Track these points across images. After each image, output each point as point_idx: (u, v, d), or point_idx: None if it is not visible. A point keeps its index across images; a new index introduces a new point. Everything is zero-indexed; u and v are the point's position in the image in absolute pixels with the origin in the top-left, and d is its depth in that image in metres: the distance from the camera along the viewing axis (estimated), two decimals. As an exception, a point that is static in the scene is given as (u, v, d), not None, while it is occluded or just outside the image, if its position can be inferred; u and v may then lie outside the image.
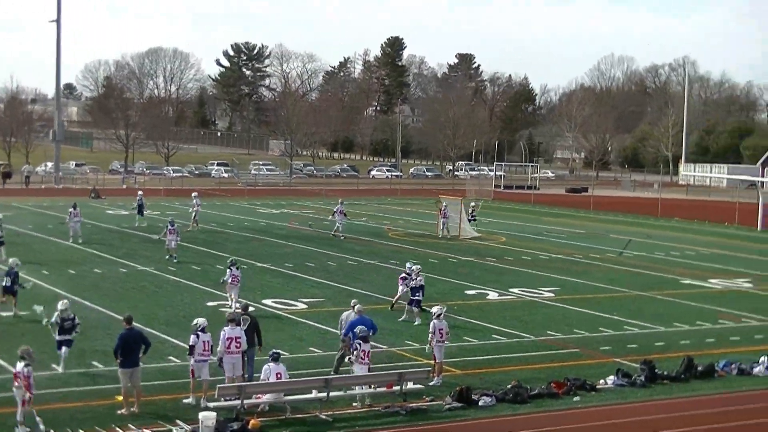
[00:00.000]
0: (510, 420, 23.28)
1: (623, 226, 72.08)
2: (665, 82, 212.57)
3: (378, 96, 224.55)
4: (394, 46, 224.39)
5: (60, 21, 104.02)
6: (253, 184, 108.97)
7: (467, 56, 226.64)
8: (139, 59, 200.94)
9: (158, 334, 29.86)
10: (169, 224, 48.66)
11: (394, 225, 67.54)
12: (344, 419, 22.89)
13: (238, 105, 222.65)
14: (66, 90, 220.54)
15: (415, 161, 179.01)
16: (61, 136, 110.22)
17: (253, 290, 39.47)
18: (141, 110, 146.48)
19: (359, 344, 24.59)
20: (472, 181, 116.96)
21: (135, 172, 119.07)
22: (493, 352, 30.06)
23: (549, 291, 41.56)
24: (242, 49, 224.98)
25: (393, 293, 39.18)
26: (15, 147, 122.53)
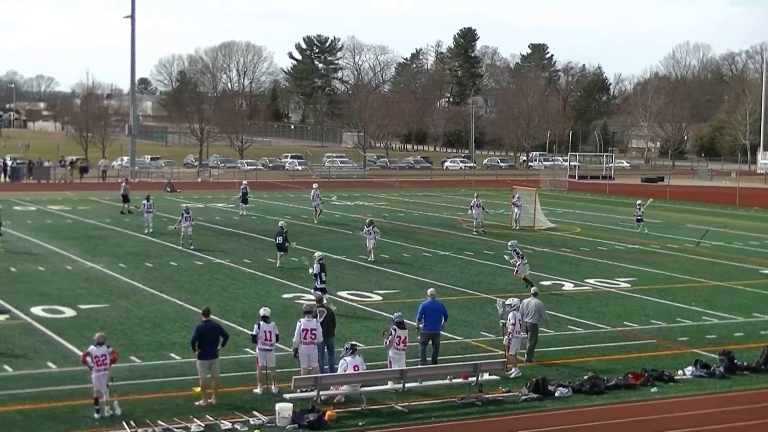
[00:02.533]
0: (586, 411, 23.15)
1: (700, 216, 71.23)
2: (742, 69, 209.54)
3: (451, 87, 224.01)
4: (467, 37, 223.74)
5: (134, 17, 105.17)
6: (327, 177, 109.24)
7: (540, 46, 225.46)
8: (213, 53, 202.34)
9: (234, 326, 30.08)
10: (184, 212, 49.98)
11: (468, 216, 67.27)
12: (420, 410, 22.90)
13: (310, 98, 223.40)
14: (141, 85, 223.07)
15: (488, 152, 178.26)
16: (137, 131, 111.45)
17: (329, 282, 39.55)
18: (215, 104, 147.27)
19: (395, 329, 24.50)
20: (546, 172, 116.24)
21: (209, 166, 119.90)
22: (568, 343, 29.89)
23: (625, 281, 41.23)
24: (315, 41, 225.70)
25: (467, 284, 39.25)
26: (92, 142, 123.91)
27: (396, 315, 25.05)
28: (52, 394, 23.51)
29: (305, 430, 21.31)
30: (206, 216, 63.43)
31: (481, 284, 39.78)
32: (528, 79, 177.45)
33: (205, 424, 21.42)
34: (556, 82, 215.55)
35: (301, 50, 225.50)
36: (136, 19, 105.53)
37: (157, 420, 21.54)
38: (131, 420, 21.47)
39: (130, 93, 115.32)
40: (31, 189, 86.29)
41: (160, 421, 21.46)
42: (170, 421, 21.53)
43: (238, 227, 58.27)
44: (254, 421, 21.70)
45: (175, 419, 21.64)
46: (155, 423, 21.35)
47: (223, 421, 21.60)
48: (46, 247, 48.59)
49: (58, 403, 22.81)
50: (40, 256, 45.47)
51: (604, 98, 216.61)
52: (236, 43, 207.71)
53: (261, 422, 21.62)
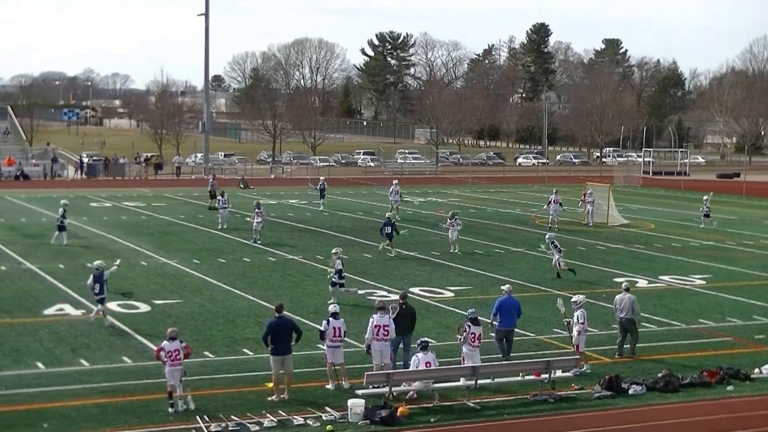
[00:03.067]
0: (660, 409, 22.94)
1: (777, 212, 70.23)
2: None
3: (523, 83, 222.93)
4: (540, 33, 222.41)
5: (208, 14, 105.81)
6: (399, 173, 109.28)
7: (614, 41, 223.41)
8: (286, 50, 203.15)
9: (306, 322, 30.19)
10: (255, 207, 50.85)
11: (540, 212, 66.92)
12: (492, 407, 22.84)
13: (383, 94, 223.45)
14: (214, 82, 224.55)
15: (561, 148, 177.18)
16: (210, 128, 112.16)
17: (401, 279, 39.66)
18: (287, 101, 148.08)
19: (469, 326, 24.43)
20: (620, 168, 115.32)
21: (282, 162, 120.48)
22: (642, 340, 29.55)
23: (700, 278, 40.78)
24: (387, 38, 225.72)
25: (540, 281, 39.10)
26: (166, 139, 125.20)
27: (470, 311, 25.00)
28: (128, 388, 23.79)
29: (377, 425, 21.35)
30: (279, 212, 63.76)
31: (554, 281, 39.54)
32: (601, 74, 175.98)
33: (277, 419, 21.54)
34: (630, 78, 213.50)
35: (373, 47, 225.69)
36: (209, 17, 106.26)
37: (230, 415, 21.70)
38: (205, 415, 21.65)
39: (204, 90, 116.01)
40: (107, 186, 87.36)
41: (233, 416, 21.62)
42: (243, 416, 21.68)
43: (311, 223, 58.49)
44: (326, 416, 21.78)
45: (248, 414, 21.79)
46: (228, 418, 21.51)
47: (295, 416, 21.71)
48: (121, 243, 49.16)
49: (133, 397, 23.08)
50: (116, 251, 45.98)
51: (679, 93, 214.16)
52: (309, 40, 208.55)
53: (333, 418, 21.68)
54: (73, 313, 32.35)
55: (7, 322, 30.79)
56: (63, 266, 41.41)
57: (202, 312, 32.71)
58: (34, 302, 33.99)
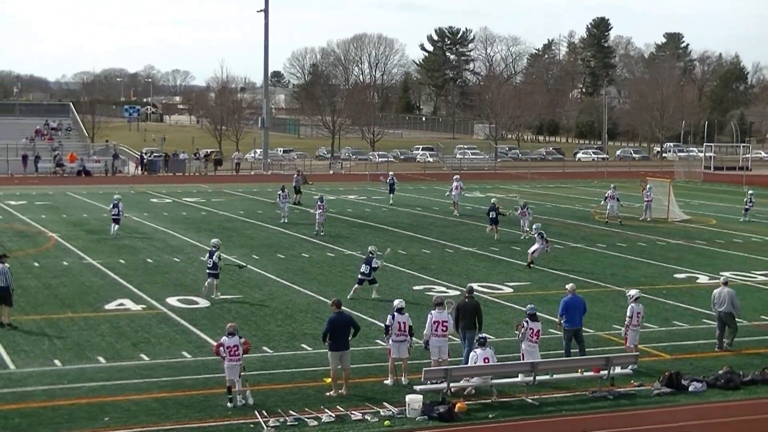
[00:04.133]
0: (722, 407, 22.74)
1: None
2: None
3: (583, 78, 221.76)
4: (600, 27, 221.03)
5: (267, 11, 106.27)
6: (458, 168, 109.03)
7: (675, 35, 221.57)
8: (345, 46, 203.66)
9: (365, 318, 30.27)
10: (318, 200, 51.96)
11: (600, 208, 66.52)
12: (550, 403, 22.77)
13: (442, 89, 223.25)
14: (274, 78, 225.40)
15: (621, 143, 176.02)
16: (269, 124, 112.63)
17: (460, 274, 39.61)
18: (346, 96, 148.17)
19: (527, 322, 24.35)
20: (681, 163, 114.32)
21: (341, 158, 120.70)
22: (703, 336, 29.35)
23: (762, 274, 40.33)
24: (446, 33, 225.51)
25: (599, 277, 38.90)
26: (225, 135, 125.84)
27: (529, 307, 24.93)
28: (187, 383, 23.97)
29: (435, 421, 21.35)
30: (338, 208, 63.88)
31: (614, 276, 39.35)
32: (662, 68, 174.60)
33: (335, 414, 21.60)
34: (692, 72, 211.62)
35: (432, 42, 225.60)
36: (269, 13, 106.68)
37: (288, 410, 21.79)
38: (263, 410, 21.76)
39: (264, 86, 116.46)
40: (167, 181, 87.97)
41: (292, 411, 21.71)
42: (301, 411, 21.76)
43: (370, 219, 58.56)
44: (384, 412, 21.80)
45: (306, 409, 21.87)
46: (287, 413, 21.61)
47: (353, 411, 21.76)
48: (181, 238, 49.51)
49: (193, 391, 23.24)
50: (176, 247, 46.34)
51: (742, 87, 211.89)
52: (368, 36, 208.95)
53: (391, 413, 21.71)
54: (133, 308, 32.63)
55: (69, 317, 31.14)
56: (124, 261, 41.79)
57: (261, 307, 32.88)
58: (95, 297, 34.34)
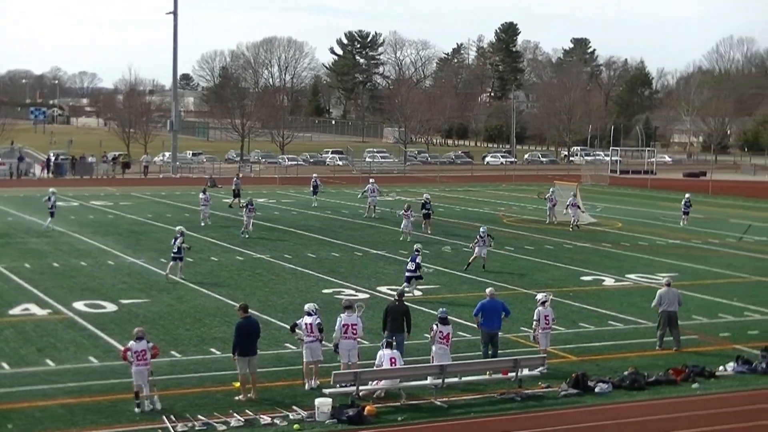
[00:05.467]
0: (627, 407, 23.06)
1: (743, 211, 70.72)
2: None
3: (492, 82, 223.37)
4: (509, 32, 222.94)
5: (177, 13, 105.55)
6: (368, 172, 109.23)
7: (582, 41, 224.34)
8: (254, 49, 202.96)
9: (274, 321, 30.21)
10: (248, 204, 52.83)
11: (508, 211, 67.21)
12: (459, 406, 22.90)
13: (352, 93, 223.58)
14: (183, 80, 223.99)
15: (529, 147, 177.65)
16: (178, 127, 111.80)
17: (369, 277, 39.69)
18: (256, 99, 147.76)
19: (437, 325, 24.52)
20: (588, 167, 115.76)
21: (251, 161, 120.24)
22: (609, 338, 29.78)
23: (667, 277, 40.91)
24: (356, 37, 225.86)
25: (507, 279, 39.23)
26: (134, 137, 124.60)
27: (440, 311, 25.05)
28: (94, 388, 23.70)
29: (345, 424, 21.36)
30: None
31: (522, 278, 39.74)
32: (570, 73, 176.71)
33: (244, 419, 21.51)
34: (598, 77, 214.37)
35: (342, 45, 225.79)
36: (178, 15, 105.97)
37: (197, 414, 21.66)
38: (171, 414, 21.60)
39: (173, 89, 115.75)
40: (75, 185, 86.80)
41: (200, 416, 21.57)
42: (210, 415, 21.64)
43: (279, 222, 58.44)
44: (294, 416, 21.76)
45: (215, 414, 21.75)
46: (195, 418, 21.47)
47: (262, 416, 21.69)
48: (88, 242, 48.95)
49: (100, 397, 22.99)
50: (83, 251, 45.81)
51: (647, 92, 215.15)
52: (278, 39, 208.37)
53: (300, 417, 21.68)
54: (39, 312, 32.17)
55: (-28, 323, 30.62)
56: (29, 266, 41.19)
57: (170, 311, 32.62)
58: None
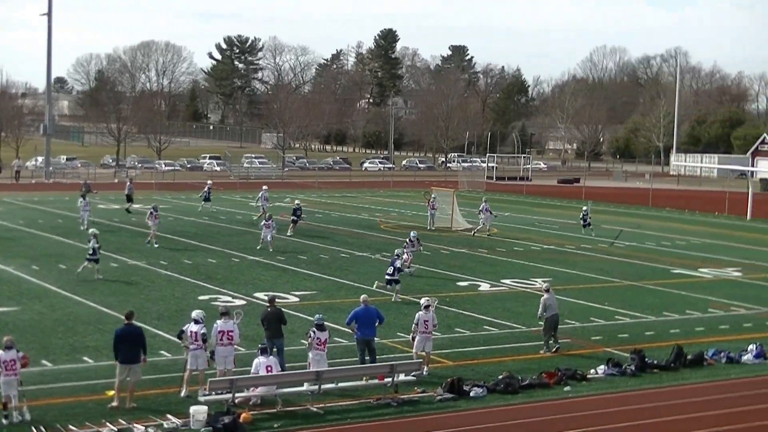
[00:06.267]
0: (501, 411, 23.33)
1: (614, 217, 72.09)
2: (657, 72, 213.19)
3: (371, 88, 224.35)
4: (387, 39, 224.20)
5: (51, 14, 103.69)
6: (246, 178, 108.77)
7: (460, 48, 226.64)
8: (132, 53, 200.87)
9: (149, 329, 29.84)
10: (152, 210, 51.28)
11: (386, 217, 67.51)
12: (335, 412, 22.92)
13: (230, 98, 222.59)
14: (57, 84, 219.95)
15: (407, 153, 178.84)
16: (52, 131, 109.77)
17: (246, 283, 39.51)
18: (133, 104, 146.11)
19: (314, 332, 24.57)
20: (465, 173, 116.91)
21: (127, 166, 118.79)
22: (484, 343, 30.11)
23: (544, 282, 41.53)
24: (235, 42, 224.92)
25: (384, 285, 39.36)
26: (5, 141, 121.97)
27: (317, 317, 25.05)
28: (-38, 398, 23.14)
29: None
30: (123, 217, 62.88)
31: (398, 284, 39.84)
32: (448, 80, 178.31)
33: (117, 428, 21.22)
34: (476, 84, 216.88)
35: (221, 50, 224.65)
36: (53, 16, 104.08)
37: (68, 425, 21.28)
38: (41, 425, 21.18)
39: (46, 92, 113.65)
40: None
41: (72, 426, 21.21)
42: (82, 425, 21.29)
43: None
44: (168, 424, 21.53)
45: (87, 424, 21.40)
46: (66, 428, 21.10)
47: (136, 425, 21.41)
48: (-43, 248, 47.83)
49: (-32, 407, 22.46)
50: (-48, 258, 44.79)
51: (523, 100, 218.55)
52: (155, 43, 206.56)
53: (175, 425, 21.46)
54: None
55: None
56: None
57: (42, 319, 32.01)
58: None
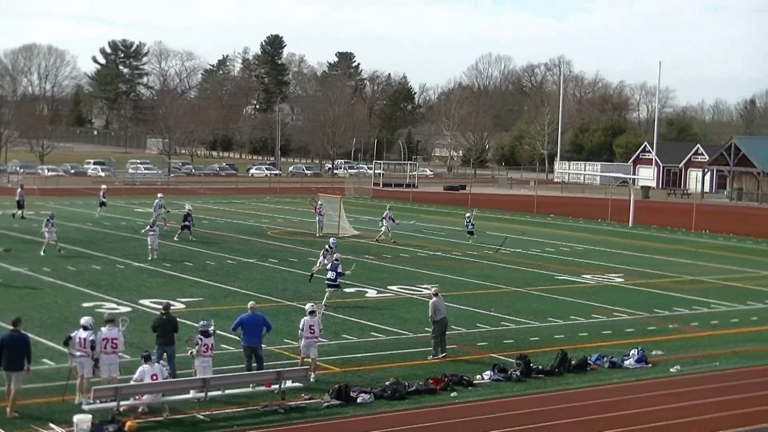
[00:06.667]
0: (388, 417, 23.43)
1: (500, 223, 72.92)
2: (541, 81, 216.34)
3: (257, 94, 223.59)
4: (274, 45, 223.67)
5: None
6: (131, 183, 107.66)
7: (347, 55, 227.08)
8: (13, 56, 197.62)
9: (32, 336, 29.23)
10: (48, 218, 50.26)
11: (273, 223, 67.37)
12: (222, 419, 22.80)
13: (115, 103, 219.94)
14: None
15: (294, 159, 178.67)
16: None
17: (131, 290, 39.09)
18: (14, 108, 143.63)
19: (201, 339, 24.47)
20: (351, 180, 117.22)
21: (8, 171, 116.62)
22: (371, 349, 30.21)
23: (427, 288, 41.81)
24: (119, 46, 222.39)
25: (271, 291, 39.31)
26: None
27: (202, 323, 24.91)
28: None
29: (105, 441, 20.99)
30: (5, 223, 61.73)
31: (285, 291, 39.86)
32: (334, 87, 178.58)
33: (-1, 437, 20.89)
34: (363, 91, 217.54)
35: (105, 55, 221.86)
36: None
37: (-55, 435, 20.91)
38: None
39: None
40: None
41: (-50, 437, 20.84)
42: (-39, 435, 20.92)
43: (38, 234, 56.78)
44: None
45: (-34, 433, 21.04)
46: (-58, 439, 20.72)
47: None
48: None
49: None
50: None
51: (409, 107, 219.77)
52: (38, 46, 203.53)
53: (58, 434, 21.19)
54: None
55: None
56: None
57: None
58: None
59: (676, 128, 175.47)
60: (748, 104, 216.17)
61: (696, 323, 36.45)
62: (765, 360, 30.66)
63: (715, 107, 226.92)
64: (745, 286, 46.37)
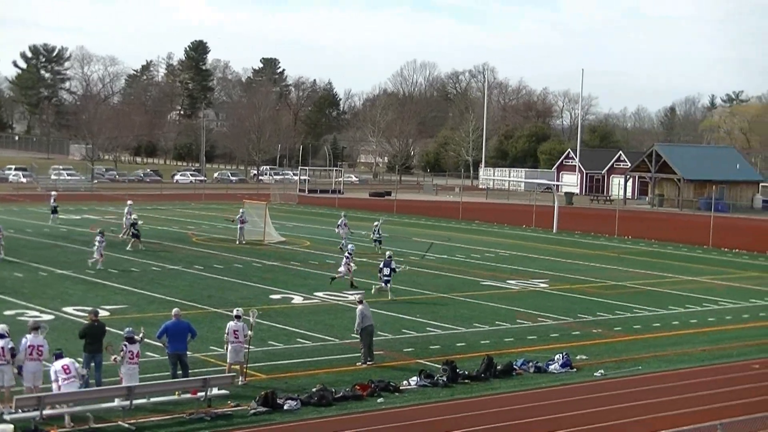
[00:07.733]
0: (315, 423, 23.44)
1: (425, 230, 73.22)
2: (466, 88, 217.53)
3: (182, 100, 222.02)
4: (198, 50, 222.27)
5: None
6: (53, 189, 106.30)
7: (272, 61, 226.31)
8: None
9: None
10: None
11: (198, 230, 67.01)
12: (148, 427, 22.66)
13: (37, 108, 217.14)
14: None
15: (219, 166, 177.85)
16: None
17: (54, 298, 38.66)
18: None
19: (125, 345, 24.32)
20: (277, 186, 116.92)
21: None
22: (298, 356, 30.17)
23: (353, 294, 41.81)
24: (41, 50, 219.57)
25: (197, 298, 39.12)
26: None
27: (127, 330, 24.72)
28: None
29: (27, 451, 20.75)
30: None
31: (211, 298, 39.68)
32: (259, 93, 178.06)
33: None
34: (288, 97, 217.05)
35: (26, 59, 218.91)
36: None
37: None
38: None
39: None
40: None
41: None
42: None
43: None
44: (-28, 443, 20.98)
45: None
46: None
47: (-63, 445, 20.79)
48: None
49: None
50: None
51: (334, 113, 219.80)
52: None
53: (-21, 445, 20.93)
54: None
55: None
56: None
57: None
58: None
59: (599, 135, 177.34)
60: (669, 112, 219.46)
61: (619, 328, 36.92)
62: (686, 363, 31.17)
63: (636, 114, 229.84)
64: (666, 290, 47.03)
